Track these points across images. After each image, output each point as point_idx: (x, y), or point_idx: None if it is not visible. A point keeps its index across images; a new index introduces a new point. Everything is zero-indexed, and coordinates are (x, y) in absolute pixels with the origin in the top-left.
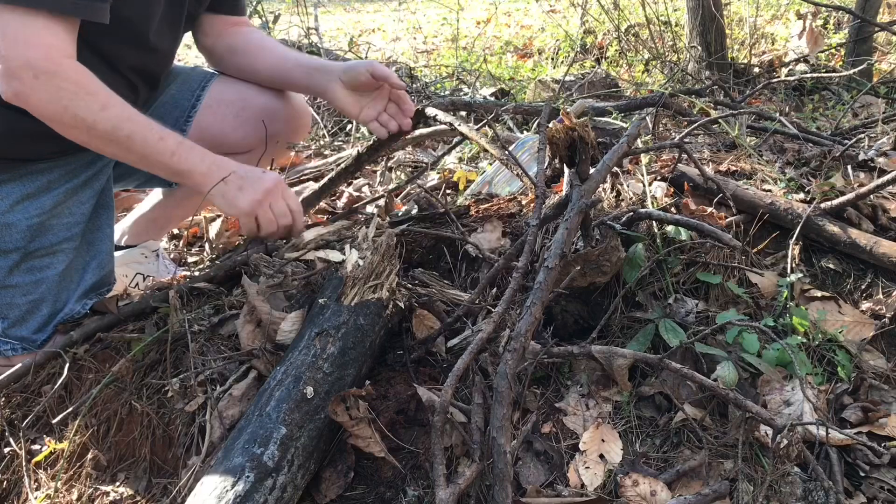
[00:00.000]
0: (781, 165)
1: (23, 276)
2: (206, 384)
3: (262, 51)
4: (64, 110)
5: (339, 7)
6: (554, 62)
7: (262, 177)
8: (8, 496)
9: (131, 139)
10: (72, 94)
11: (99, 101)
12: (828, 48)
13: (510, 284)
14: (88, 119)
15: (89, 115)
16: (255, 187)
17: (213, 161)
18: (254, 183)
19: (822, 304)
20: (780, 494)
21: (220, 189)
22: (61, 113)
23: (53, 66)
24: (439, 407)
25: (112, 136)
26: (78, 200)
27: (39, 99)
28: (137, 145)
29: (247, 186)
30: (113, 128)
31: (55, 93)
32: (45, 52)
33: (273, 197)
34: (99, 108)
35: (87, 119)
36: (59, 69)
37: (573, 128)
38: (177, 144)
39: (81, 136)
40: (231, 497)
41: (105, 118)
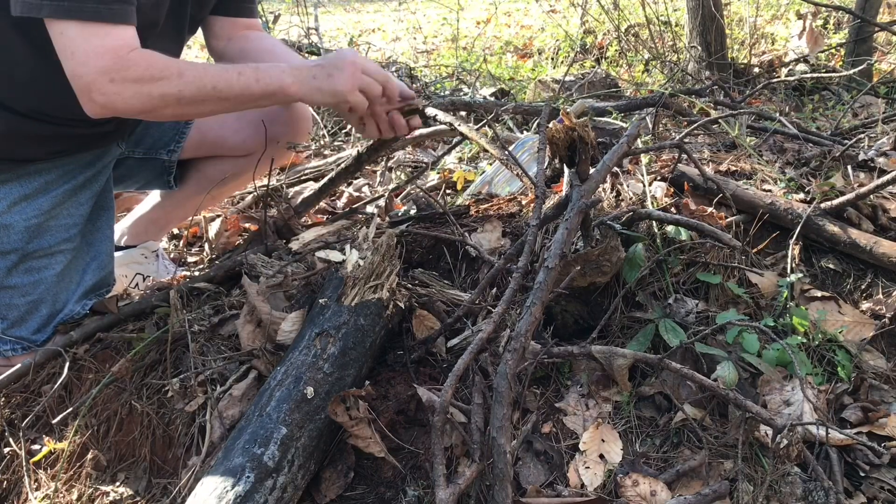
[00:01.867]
0: (781, 165)
1: (21, 276)
2: (206, 384)
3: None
4: (149, 97)
5: (339, 7)
6: (554, 62)
7: (341, 57)
8: (8, 496)
9: (217, 89)
10: (148, 79)
11: (173, 71)
12: (828, 48)
13: (510, 284)
14: (174, 92)
15: (172, 88)
16: (341, 65)
17: (291, 69)
18: (338, 63)
19: (822, 304)
20: (780, 494)
21: (315, 87)
22: (148, 100)
23: (122, 62)
24: (439, 407)
25: (201, 95)
26: (76, 202)
27: (124, 99)
28: (225, 91)
29: (335, 72)
30: (198, 88)
31: (134, 86)
32: (112, 54)
33: (360, 64)
34: (177, 77)
35: (173, 93)
36: (128, 63)
37: (573, 128)
38: (254, 71)
39: (179, 110)
40: (231, 497)
41: (186, 83)
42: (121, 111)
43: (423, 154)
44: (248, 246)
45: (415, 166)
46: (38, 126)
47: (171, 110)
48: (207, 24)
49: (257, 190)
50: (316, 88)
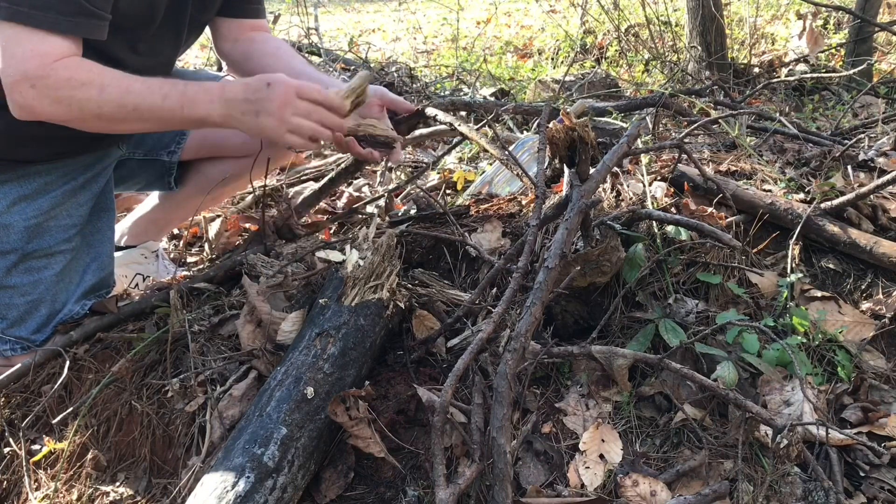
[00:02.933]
0: (781, 165)
1: (21, 276)
2: (206, 384)
3: (274, 59)
4: (69, 108)
5: (339, 7)
6: (554, 62)
7: (269, 94)
8: (8, 496)
9: (139, 110)
10: (68, 91)
11: (94, 86)
12: (828, 48)
13: (510, 284)
14: (93, 107)
15: (91, 104)
16: (269, 107)
17: (220, 97)
18: (265, 103)
19: (822, 304)
20: (780, 494)
21: (241, 123)
22: (67, 111)
23: (45, 70)
24: (439, 407)
25: (121, 113)
26: (76, 203)
27: (42, 106)
28: (146, 114)
29: (261, 109)
30: (118, 106)
31: (53, 94)
32: (38, 61)
33: (291, 106)
34: (97, 94)
35: (92, 107)
36: (51, 72)
37: (573, 128)
38: (181, 97)
39: (99, 125)
40: (231, 497)
41: (107, 100)
42: (41, 117)
43: (423, 154)
44: (248, 246)
45: (415, 166)
46: (38, 128)
47: (93, 124)
48: (214, 25)
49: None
50: (244, 125)
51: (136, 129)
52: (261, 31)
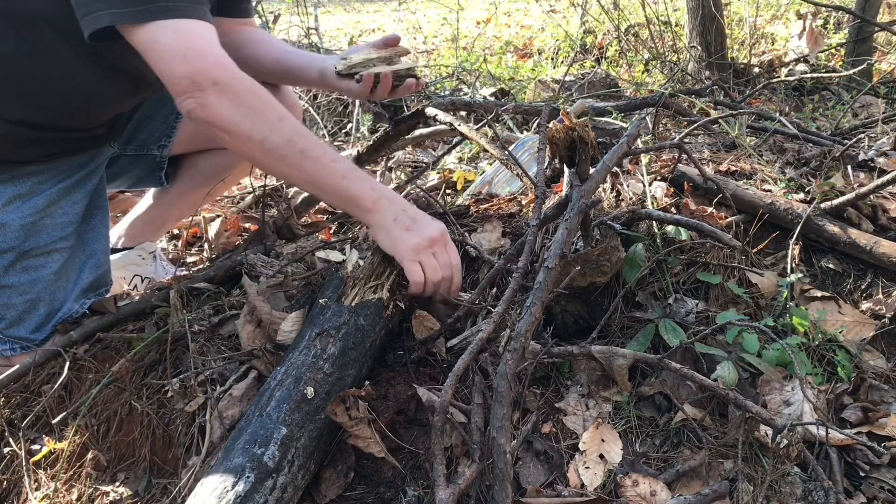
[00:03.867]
0: (781, 165)
1: (18, 275)
2: (206, 384)
3: (266, 45)
4: (243, 119)
5: (339, 7)
6: (554, 62)
7: (430, 223)
8: (8, 496)
9: (305, 155)
10: (250, 103)
11: (276, 112)
12: (828, 48)
13: (510, 284)
14: (264, 130)
15: (265, 126)
16: (423, 232)
17: (382, 193)
18: (421, 227)
19: (822, 304)
20: (780, 494)
21: (386, 225)
22: (239, 122)
23: (230, 74)
24: (439, 407)
25: (284, 150)
26: (71, 200)
27: (222, 108)
28: (309, 163)
29: (414, 229)
30: (287, 142)
31: (236, 101)
32: (215, 61)
33: (438, 246)
34: (276, 119)
35: (263, 130)
36: (235, 78)
37: (573, 128)
38: (349, 169)
39: (253, 151)
40: (231, 497)
41: (280, 130)
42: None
43: (423, 154)
44: (248, 246)
45: (415, 166)
46: (32, 131)
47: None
48: None
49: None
50: (385, 229)
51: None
52: (249, 27)
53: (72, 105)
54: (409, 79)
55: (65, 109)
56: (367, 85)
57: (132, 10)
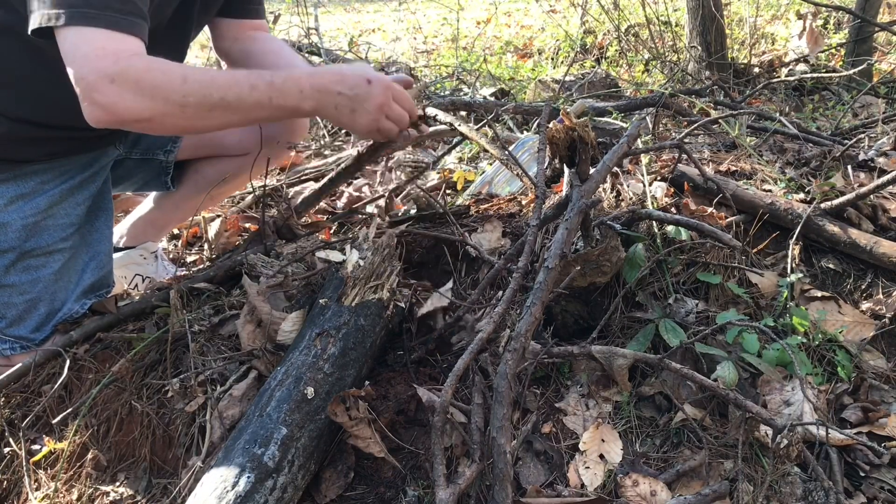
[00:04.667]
0: (781, 165)
1: (19, 275)
2: (206, 384)
3: (276, 57)
4: (152, 100)
5: (339, 7)
6: (554, 62)
7: (369, 93)
8: (8, 496)
9: (225, 100)
10: (150, 80)
11: (176, 74)
12: (828, 48)
13: (510, 284)
14: (177, 97)
15: (175, 93)
16: (368, 108)
17: (312, 87)
18: (364, 103)
19: (822, 304)
20: (780, 494)
21: (332, 115)
22: (151, 105)
23: (122, 63)
24: (439, 407)
25: (206, 104)
26: (73, 202)
27: (126, 101)
28: (234, 104)
29: (358, 108)
30: (203, 96)
31: (135, 87)
32: (112, 57)
33: (387, 108)
34: (180, 82)
35: (176, 98)
36: (129, 64)
37: (573, 128)
38: (268, 87)
39: (182, 120)
40: (231, 497)
41: (190, 89)
42: (123, 116)
43: (423, 154)
44: (248, 246)
45: (415, 166)
46: (35, 129)
47: (173, 120)
48: (214, 24)
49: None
50: (335, 118)
51: (222, 123)
52: (261, 31)
53: (73, 103)
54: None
55: (66, 107)
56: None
57: (55, 13)
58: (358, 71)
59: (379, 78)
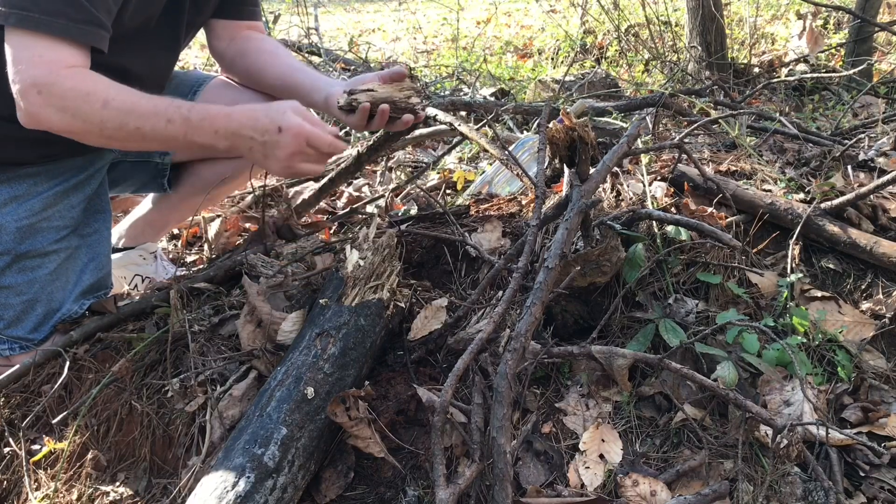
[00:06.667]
0: (781, 165)
1: (15, 276)
2: (206, 384)
3: (271, 56)
4: (73, 118)
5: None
6: (554, 62)
7: (278, 142)
8: (8, 496)
9: (141, 131)
10: (72, 100)
11: (98, 99)
12: (828, 48)
13: (510, 284)
14: (95, 120)
15: (94, 116)
16: (278, 155)
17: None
18: (275, 151)
19: (822, 304)
20: (780, 494)
21: (247, 155)
22: (70, 122)
23: (52, 77)
24: (439, 407)
25: (123, 131)
26: (68, 204)
27: (48, 114)
28: (149, 135)
29: (270, 155)
30: (120, 124)
31: (59, 102)
32: (46, 68)
33: (299, 156)
34: (100, 107)
35: (94, 121)
36: (58, 79)
37: (573, 128)
38: (184, 123)
39: (100, 140)
40: (232, 497)
41: (108, 116)
42: (45, 126)
43: (423, 154)
44: (248, 246)
45: (415, 166)
46: (27, 130)
47: (94, 138)
48: (209, 25)
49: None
50: (250, 158)
51: (140, 148)
52: (256, 32)
53: None
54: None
55: None
56: (362, 117)
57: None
58: (273, 115)
59: (290, 125)
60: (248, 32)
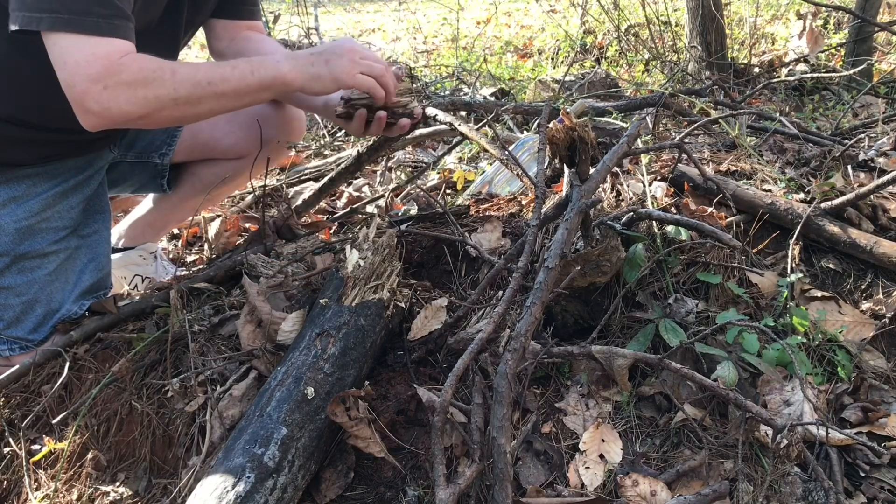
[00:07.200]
0: (781, 165)
1: (14, 277)
2: (206, 384)
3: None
4: (144, 99)
5: (339, 7)
6: (554, 62)
7: (335, 47)
8: (8, 496)
9: (213, 84)
10: (143, 79)
11: (165, 71)
12: (828, 48)
13: (510, 284)
14: (168, 91)
15: (166, 88)
16: (338, 52)
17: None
18: (332, 54)
19: (822, 304)
20: (780, 494)
21: (314, 74)
22: (144, 103)
23: (114, 67)
24: (439, 407)
25: (197, 92)
26: (67, 205)
27: (119, 104)
28: (221, 86)
29: (332, 59)
30: (193, 85)
31: (128, 89)
32: (102, 61)
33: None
34: (170, 76)
35: (167, 92)
36: (120, 67)
37: (573, 128)
38: (248, 63)
39: (177, 112)
40: (232, 497)
41: (180, 81)
42: (117, 118)
43: (423, 154)
44: (248, 246)
45: (415, 166)
46: (27, 132)
47: (167, 112)
48: (209, 25)
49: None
50: (314, 76)
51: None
52: (256, 32)
53: (64, 104)
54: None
55: (57, 109)
56: (360, 122)
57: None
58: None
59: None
60: (248, 33)
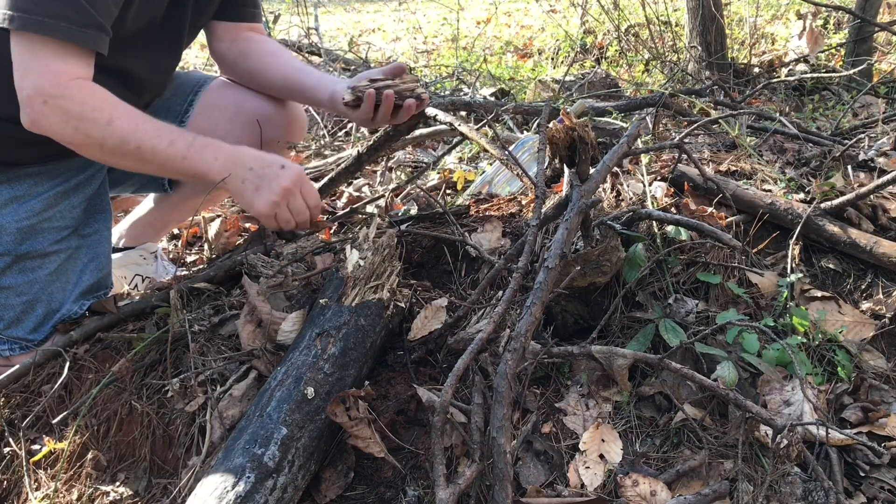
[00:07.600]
0: (781, 165)
1: (15, 277)
2: (206, 384)
3: (274, 56)
4: (75, 131)
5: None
6: (554, 62)
7: (279, 175)
8: (8, 496)
9: (141, 150)
10: (78, 114)
11: (104, 116)
12: (828, 48)
13: (510, 284)
14: (97, 136)
15: (97, 132)
16: (273, 187)
17: (227, 157)
18: (271, 182)
19: (822, 304)
20: (780, 494)
21: (237, 189)
22: (73, 134)
23: (60, 89)
24: (439, 407)
25: (122, 149)
26: (69, 205)
27: (51, 123)
28: (148, 155)
29: (264, 186)
30: (121, 141)
31: (63, 115)
32: (53, 78)
33: (291, 196)
34: (105, 124)
35: (96, 136)
36: (66, 91)
37: (573, 128)
38: (187, 147)
39: (98, 154)
40: (232, 497)
41: (112, 133)
42: (47, 133)
43: (423, 154)
44: (248, 246)
45: (415, 166)
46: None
47: (92, 152)
48: (210, 27)
49: None
50: (239, 191)
51: (134, 168)
52: (257, 33)
53: None
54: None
55: None
56: (368, 106)
57: (8, 15)
58: (279, 159)
59: (294, 166)
60: (249, 34)
